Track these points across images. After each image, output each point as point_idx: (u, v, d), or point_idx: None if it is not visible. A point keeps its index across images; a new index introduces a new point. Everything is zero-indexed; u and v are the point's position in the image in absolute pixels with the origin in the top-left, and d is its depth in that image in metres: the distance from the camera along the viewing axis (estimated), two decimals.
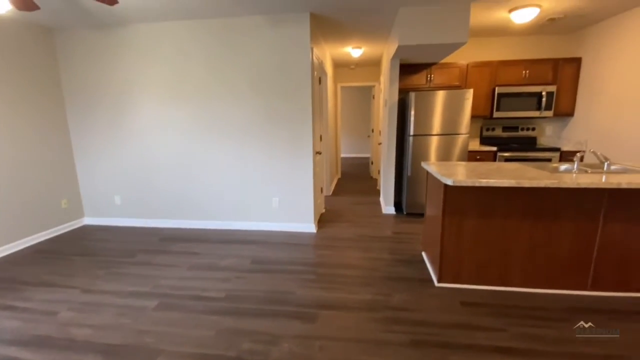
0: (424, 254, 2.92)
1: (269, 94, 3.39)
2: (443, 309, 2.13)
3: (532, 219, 2.21)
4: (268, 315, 2.10)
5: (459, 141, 3.89)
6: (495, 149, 4.12)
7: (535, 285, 2.30)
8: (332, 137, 5.82)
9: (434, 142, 3.94)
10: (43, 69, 3.50)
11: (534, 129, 4.44)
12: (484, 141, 4.53)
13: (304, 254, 3.06)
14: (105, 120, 3.72)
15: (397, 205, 4.40)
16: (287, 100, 3.38)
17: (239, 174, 3.64)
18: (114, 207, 3.96)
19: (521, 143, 4.40)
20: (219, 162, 3.64)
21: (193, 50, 3.41)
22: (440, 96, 3.81)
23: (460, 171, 2.34)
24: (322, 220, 4.03)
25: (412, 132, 3.96)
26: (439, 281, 2.42)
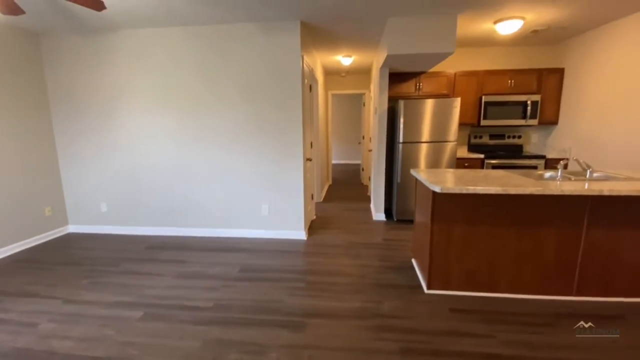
0: (413, 261, 2.93)
1: (259, 100, 3.40)
2: (432, 316, 2.13)
3: (519, 226, 2.24)
4: (256, 324, 2.07)
5: (448, 148, 3.94)
6: (482, 156, 4.20)
7: (522, 291, 2.32)
8: (323, 143, 5.84)
9: (423, 150, 3.99)
10: (28, 73, 3.43)
11: (520, 136, 4.54)
12: (471, 148, 4.61)
13: (293, 261, 3.04)
14: (92, 126, 3.66)
15: (388, 212, 4.42)
16: (277, 107, 3.38)
17: (228, 181, 3.61)
18: (99, 215, 3.87)
19: (508, 150, 4.49)
20: (208, 168, 3.61)
21: (183, 57, 3.40)
22: (429, 104, 3.87)
23: (448, 178, 2.37)
24: (313, 227, 4.02)
25: (401, 139, 4.00)
26: (429, 288, 2.42)
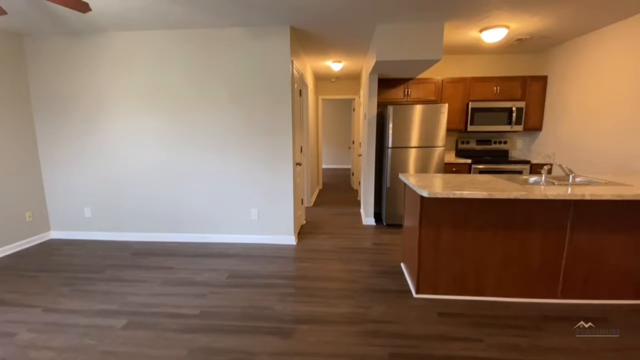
0: (402, 265, 2.94)
1: (248, 105, 3.38)
2: (421, 321, 2.13)
3: (505, 230, 2.28)
4: (244, 332, 2.03)
5: (436, 154, 3.99)
6: (470, 161, 4.26)
7: (509, 295, 2.35)
8: (313, 148, 5.84)
9: (411, 155, 4.03)
10: (9, 75, 3.34)
11: (505, 142, 4.63)
12: (459, 154, 4.68)
13: (283, 267, 3.01)
14: (76, 129, 3.58)
15: (377, 216, 4.44)
16: (267, 111, 3.37)
17: (216, 185, 3.57)
18: (83, 220, 3.77)
19: (494, 156, 4.57)
20: (196, 173, 3.56)
21: (171, 60, 3.36)
22: (417, 110, 3.92)
23: (436, 183, 2.39)
24: (303, 232, 4.00)
25: (390, 144, 4.03)
26: (417, 292, 2.43)
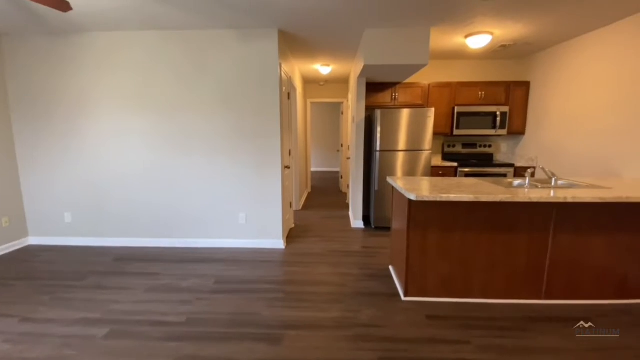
0: (391, 268, 2.95)
1: (236, 107, 3.35)
2: (410, 324, 2.14)
3: (491, 232, 2.31)
4: (232, 339, 1.99)
5: (423, 157, 4.04)
6: (456, 164, 4.33)
7: (495, 296, 2.39)
8: (302, 151, 5.83)
9: (399, 158, 4.07)
10: None
11: (490, 146, 4.73)
12: (445, 157, 4.75)
13: (271, 271, 2.98)
14: (56, 131, 3.46)
15: (366, 219, 4.45)
16: (255, 114, 3.35)
17: (203, 189, 3.51)
18: (63, 225, 3.64)
19: (479, 159, 4.66)
20: (182, 176, 3.49)
21: (156, 62, 3.30)
22: (404, 114, 3.96)
23: (423, 186, 2.41)
24: (291, 236, 3.97)
25: (378, 147, 4.06)
26: (406, 295, 2.44)
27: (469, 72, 4.59)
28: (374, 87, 4.33)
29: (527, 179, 2.61)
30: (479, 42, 3.40)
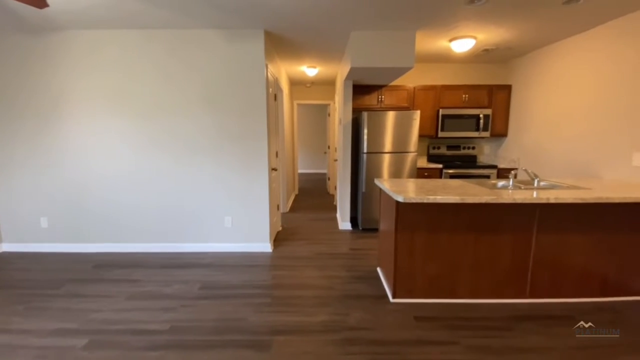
0: (379, 270, 2.95)
1: (222, 108, 3.29)
2: (398, 326, 2.13)
3: (476, 233, 2.34)
4: (217, 346, 1.94)
5: (409, 159, 4.08)
6: (441, 166, 4.39)
7: (481, 296, 2.42)
8: (289, 153, 5.79)
9: (386, 160, 4.09)
10: None
11: (474, 147, 4.82)
12: (430, 159, 4.81)
13: (258, 275, 2.93)
14: (32, 132, 3.31)
15: (353, 221, 4.45)
16: (241, 115, 3.29)
17: (188, 192, 3.42)
18: (39, 231, 3.48)
19: (463, 161, 4.74)
20: (165, 179, 3.40)
21: (138, 61, 3.21)
22: (390, 116, 3.99)
23: (410, 188, 2.43)
24: (279, 239, 3.92)
25: (365, 149, 4.07)
26: (394, 297, 2.44)
27: (453, 76, 4.67)
28: (360, 90, 4.35)
29: (511, 180, 2.66)
30: (462, 45, 3.46)
